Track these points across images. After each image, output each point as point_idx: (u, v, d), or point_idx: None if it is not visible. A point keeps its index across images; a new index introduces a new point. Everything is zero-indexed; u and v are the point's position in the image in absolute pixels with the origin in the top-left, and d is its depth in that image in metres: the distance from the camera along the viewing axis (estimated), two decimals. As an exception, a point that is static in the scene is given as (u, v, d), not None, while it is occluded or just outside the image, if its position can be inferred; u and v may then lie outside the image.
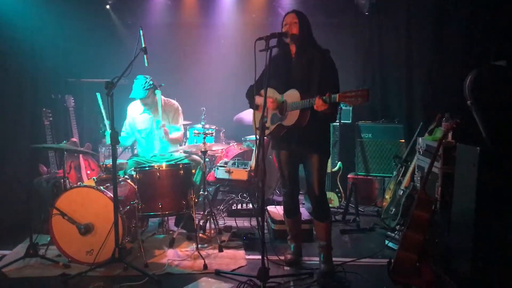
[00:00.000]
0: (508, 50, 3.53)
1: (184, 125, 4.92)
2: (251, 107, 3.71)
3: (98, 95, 4.16)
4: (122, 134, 4.65)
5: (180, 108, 4.76)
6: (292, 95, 3.38)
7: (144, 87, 4.41)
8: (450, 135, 3.86)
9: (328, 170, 5.34)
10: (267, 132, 3.53)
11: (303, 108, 3.29)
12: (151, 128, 4.63)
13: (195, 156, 4.69)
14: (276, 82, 3.50)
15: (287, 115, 3.42)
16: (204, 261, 3.71)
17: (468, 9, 4.18)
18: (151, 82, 4.46)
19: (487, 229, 3.13)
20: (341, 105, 5.69)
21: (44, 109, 4.96)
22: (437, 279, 3.31)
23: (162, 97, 4.64)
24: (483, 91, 3.27)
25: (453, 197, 3.53)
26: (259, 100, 3.59)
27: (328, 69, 3.38)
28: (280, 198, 5.43)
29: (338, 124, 5.73)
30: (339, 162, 5.50)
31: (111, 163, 3.60)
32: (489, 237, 3.12)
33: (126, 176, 4.29)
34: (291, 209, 3.82)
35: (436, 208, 3.71)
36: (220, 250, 4.05)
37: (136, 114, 4.65)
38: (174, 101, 4.76)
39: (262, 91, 3.45)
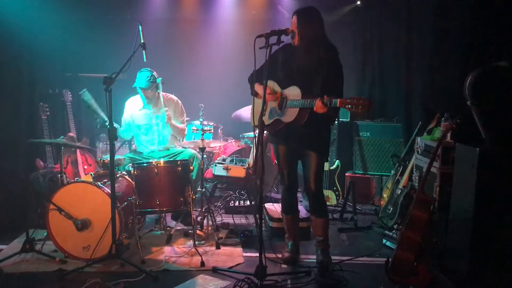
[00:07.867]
0: (510, 51, 3.51)
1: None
2: (251, 92, 3.63)
3: (85, 93, 4.17)
4: (121, 128, 4.63)
5: (180, 102, 4.77)
6: (293, 92, 3.37)
7: (149, 79, 4.43)
8: (449, 135, 3.86)
9: (326, 168, 5.34)
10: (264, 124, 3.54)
11: (302, 107, 3.28)
12: (150, 124, 4.62)
13: (191, 150, 4.66)
14: (281, 75, 3.50)
15: (286, 112, 3.41)
16: (201, 258, 3.70)
17: (470, 9, 4.16)
18: (155, 77, 4.49)
19: (485, 229, 3.13)
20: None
21: (41, 104, 4.93)
22: (434, 279, 3.30)
23: (162, 92, 4.64)
24: (484, 92, 3.26)
25: (451, 197, 3.53)
26: (258, 88, 3.55)
27: (335, 74, 3.37)
28: (278, 196, 5.43)
29: (336, 122, 5.71)
30: (337, 161, 5.49)
31: (109, 159, 3.58)
32: (487, 238, 3.13)
33: (124, 172, 4.27)
34: (289, 205, 3.81)
35: (435, 208, 3.71)
36: (217, 247, 4.04)
37: (134, 110, 4.64)
38: (173, 96, 4.77)
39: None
